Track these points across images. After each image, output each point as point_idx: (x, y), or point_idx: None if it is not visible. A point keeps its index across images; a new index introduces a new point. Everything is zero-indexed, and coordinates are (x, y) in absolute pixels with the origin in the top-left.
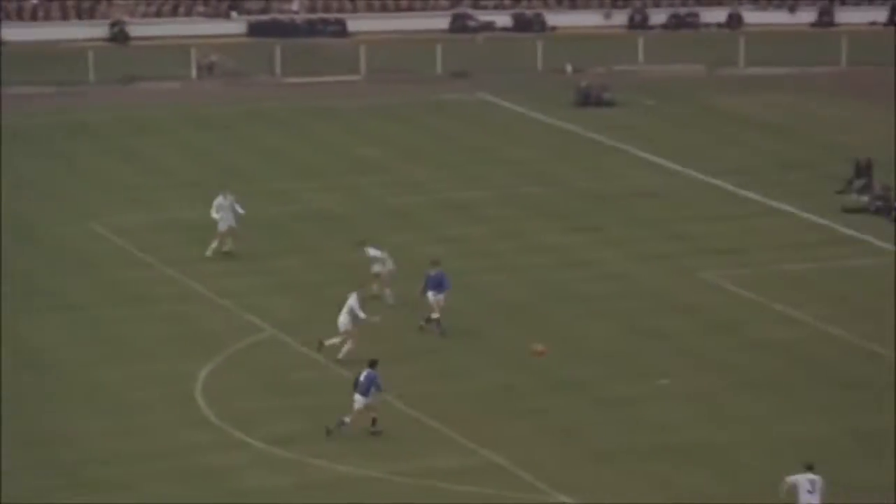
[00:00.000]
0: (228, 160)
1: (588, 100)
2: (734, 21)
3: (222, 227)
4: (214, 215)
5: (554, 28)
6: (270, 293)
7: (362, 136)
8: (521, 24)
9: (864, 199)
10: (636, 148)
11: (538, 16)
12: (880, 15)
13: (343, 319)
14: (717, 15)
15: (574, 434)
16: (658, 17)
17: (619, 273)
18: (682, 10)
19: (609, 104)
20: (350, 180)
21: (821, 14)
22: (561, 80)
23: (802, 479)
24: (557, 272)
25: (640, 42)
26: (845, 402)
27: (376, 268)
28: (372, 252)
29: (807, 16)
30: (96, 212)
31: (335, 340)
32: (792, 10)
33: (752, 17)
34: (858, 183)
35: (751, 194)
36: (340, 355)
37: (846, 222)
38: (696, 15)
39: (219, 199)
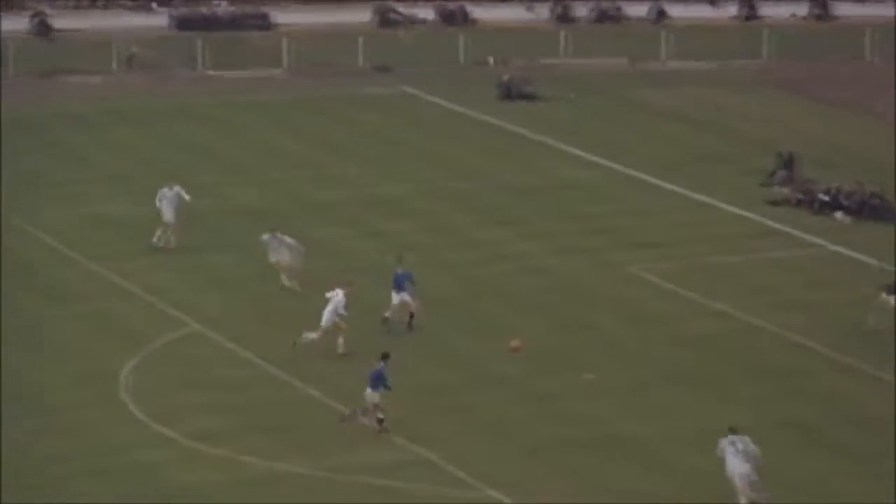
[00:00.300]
0: (152, 154)
1: (511, 93)
2: (657, 15)
3: (166, 217)
4: (158, 205)
5: (477, 21)
6: (196, 289)
7: (286, 130)
8: (444, 18)
9: (787, 191)
10: (560, 141)
11: (461, 9)
12: (801, 8)
13: (326, 317)
14: (639, 9)
15: (503, 429)
16: (581, 10)
17: (545, 267)
18: (605, 4)
19: (532, 98)
20: (274, 175)
21: (742, 8)
22: (484, 74)
23: (725, 442)
24: (484, 267)
25: (563, 35)
26: (772, 394)
27: (273, 257)
28: (266, 238)
29: (729, 10)
30: (19, 207)
31: (312, 336)
32: (714, 4)
33: (674, 10)
34: (781, 175)
35: (675, 188)
36: (340, 349)
37: (769, 215)
38: (618, 9)
39: (163, 190)
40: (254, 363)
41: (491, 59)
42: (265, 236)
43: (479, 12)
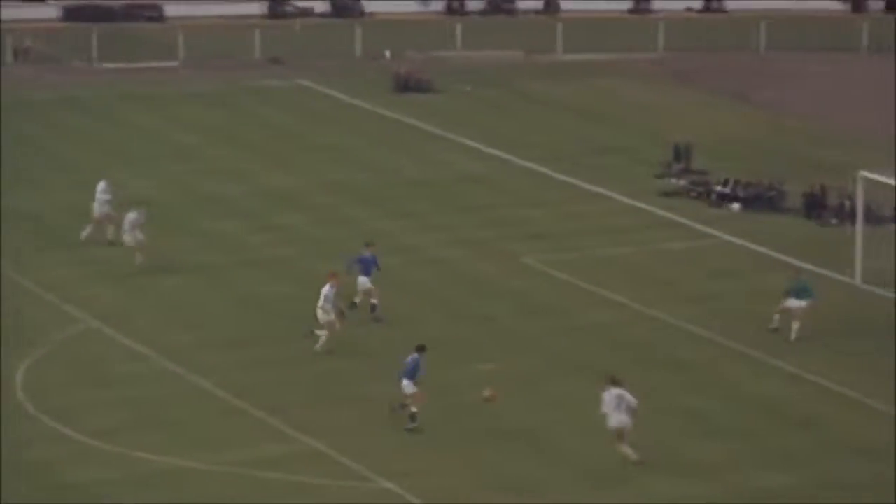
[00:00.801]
0: (46, 147)
1: (407, 86)
2: (551, 7)
3: (99, 212)
4: (100, 199)
5: (372, 14)
6: (92, 284)
7: (181, 122)
8: (339, 10)
9: (683, 182)
10: (455, 134)
11: (356, 2)
12: (696, 1)
13: (321, 313)
14: (533, 1)
15: (399, 420)
16: (475, 3)
17: (442, 258)
18: None
19: (427, 90)
20: (169, 167)
21: (637, 1)
22: (379, 66)
23: (607, 396)
24: (380, 259)
25: (458, 28)
26: (668, 384)
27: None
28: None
29: (623, 3)
30: None
31: (321, 333)
32: None
33: (568, 3)
34: (677, 167)
35: (570, 179)
36: (318, 346)
37: (665, 206)
38: (512, 1)
39: (101, 185)
40: (148, 358)
41: (387, 52)
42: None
43: (373, 5)
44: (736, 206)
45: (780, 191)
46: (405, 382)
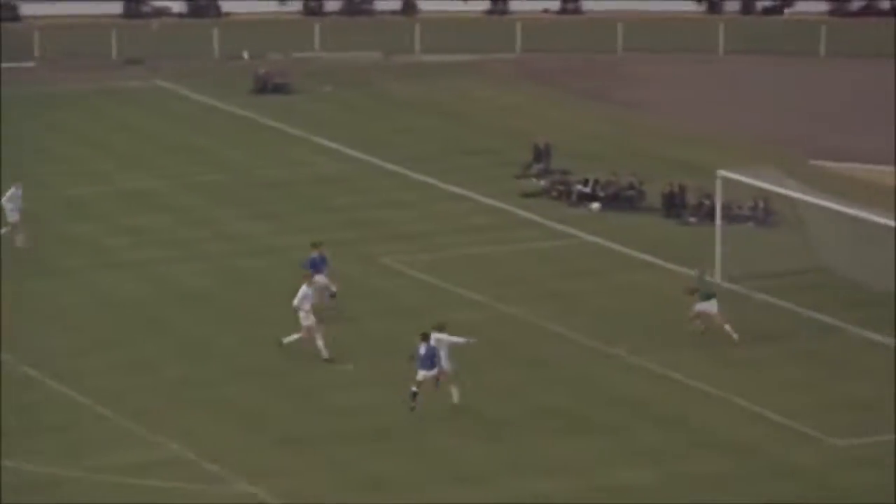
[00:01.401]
0: None
1: (266, 87)
2: (409, 8)
3: (12, 217)
4: (6, 205)
5: (229, 14)
6: None
7: (38, 124)
8: (196, 10)
9: (543, 183)
10: (315, 135)
11: (213, 2)
12: (553, 3)
13: (302, 314)
14: (391, 2)
15: (259, 422)
16: (333, 3)
17: (302, 260)
18: None
19: (287, 91)
20: (26, 170)
21: (495, 2)
22: (239, 67)
23: (433, 340)
24: (242, 260)
25: (317, 28)
26: (528, 381)
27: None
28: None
29: (481, 4)
30: None
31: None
32: None
33: (426, 4)
34: (537, 167)
35: (430, 180)
36: (325, 355)
37: (525, 206)
38: (370, 2)
39: (11, 190)
40: (6, 363)
41: (246, 53)
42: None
43: (230, 5)
44: (595, 205)
45: (639, 190)
46: (422, 373)
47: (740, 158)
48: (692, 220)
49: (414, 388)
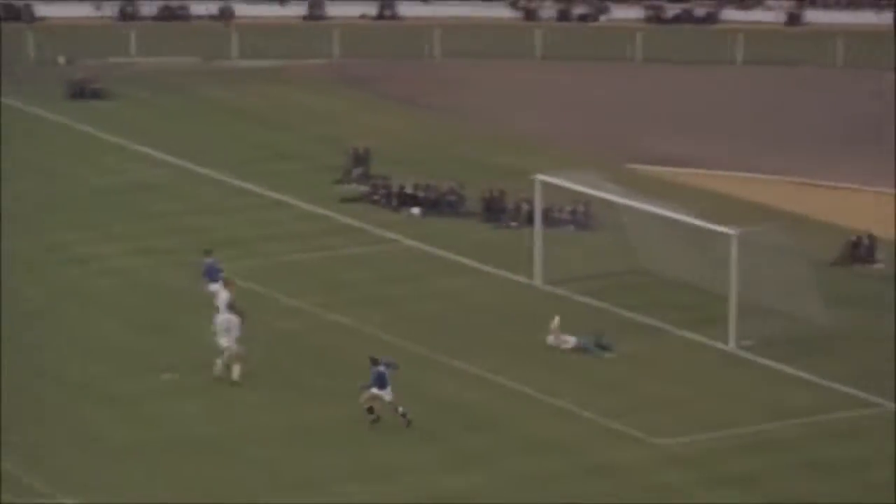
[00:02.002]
0: None
1: (82, 93)
2: (225, 13)
3: None
4: None
5: (44, 18)
6: None
7: None
8: (10, 14)
9: (363, 188)
10: (133, 141)
11: (27, 6)
12: (370, 8)
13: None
14: (208, 7)
15: (82, 433)
16: (149, 8)
17: (122, 268)
18: (174, 3)
19: (103, 97)
20: None
21: (311, 7)
22: (54, 73)
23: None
24: (61, 269)
25: (133, 34)
26: (351, 388)
27: None
28: None
29: (298, 9)
30: None
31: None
32: (283, 2)
33: (242, 9)
34: (356, 173)
35: (249, 186)
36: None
37: (344, 211)
38: (186, 7)
39: None
40: None
41: (61, 58)
42: None
43: (44, 9)
44: (416, 210)
45: (459, 195)
46: (378, 391)
47: (559, 163)
48: (512, 224)
49: (367, 406)
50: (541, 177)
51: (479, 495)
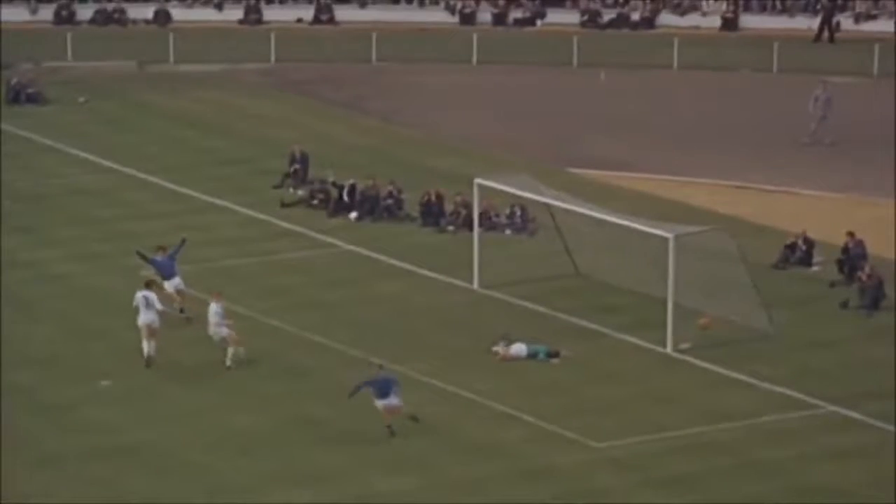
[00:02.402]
0: None
1: (18, 97)
2: (162, 18)
3: None
4: None
5: None
6: None
7: None
8: None
9: (301, 192)
10: (70, 146)
11: None
12: (307, 13)
13: (224, 329)
14: (144, 11)
15: (13, 440)
16: (85, 12)
17: (58, 274)
18: (109, 6)
19: (40, 101)
20: None
21: (247, 12)
22: None
23: (139, 296)
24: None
25: (69, 37)
26: (288, 392)
27: None
28: None
29: (235, 13)
30: None
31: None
32: (219, 7)
33: (179, 13)
34: (294, 178)
35: (188, 191)
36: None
37: (283, 216)
38: (123, 11)
39: None
40: None
41: None
42: None
43: None
44: (353, 214)
45: (397, 199)
46: (387, 401)
47: (497, 167)
48: (450, 228)
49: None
50: (479, 180)
51: (414, 498)
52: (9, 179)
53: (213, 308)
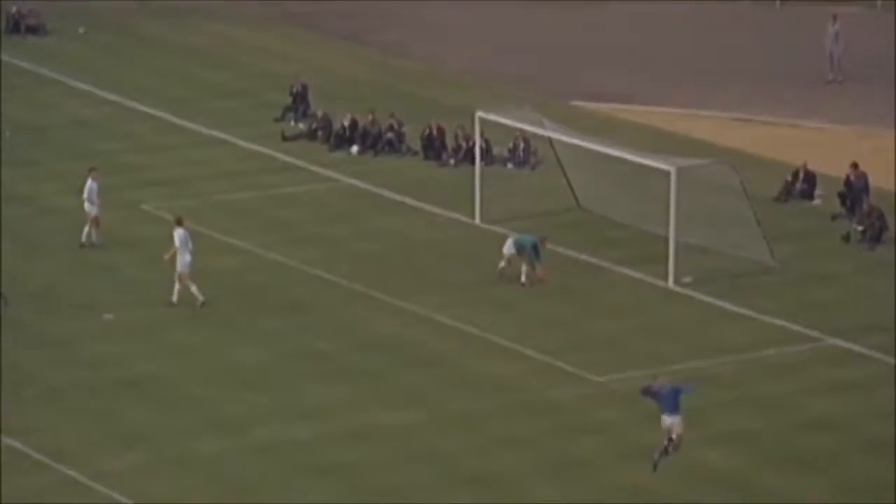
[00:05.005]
0: None
1: (18, 27)
2: None
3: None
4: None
5: None
6: None
7: None
8: None
9: (302, 126)
10: (71, 78)
11: None
12: None
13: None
14: None
15: (17, 374)
16: None
17: (61, 207)
18: None
19: (40, 32)
20: None
21: None
22: None
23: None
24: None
25: None
26: (290, 327)
27: None
28: None
29: None
30: None
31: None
32: None
33: None
34: (296, 110)
35: (189, 124)
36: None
37: (285, 150)
38: None
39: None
40: None
41: None
42: None
43: None
44: (355, 148)
45: (398, 132)
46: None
47: (499, 100)
48: (451, 161)
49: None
50: (480, 114)
51: (412, 432)
52: (8, 110)
53: (89, 184)
